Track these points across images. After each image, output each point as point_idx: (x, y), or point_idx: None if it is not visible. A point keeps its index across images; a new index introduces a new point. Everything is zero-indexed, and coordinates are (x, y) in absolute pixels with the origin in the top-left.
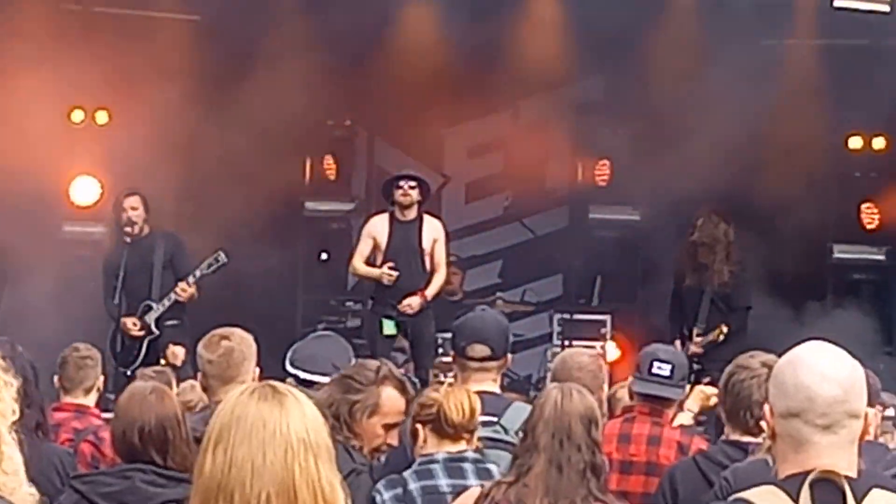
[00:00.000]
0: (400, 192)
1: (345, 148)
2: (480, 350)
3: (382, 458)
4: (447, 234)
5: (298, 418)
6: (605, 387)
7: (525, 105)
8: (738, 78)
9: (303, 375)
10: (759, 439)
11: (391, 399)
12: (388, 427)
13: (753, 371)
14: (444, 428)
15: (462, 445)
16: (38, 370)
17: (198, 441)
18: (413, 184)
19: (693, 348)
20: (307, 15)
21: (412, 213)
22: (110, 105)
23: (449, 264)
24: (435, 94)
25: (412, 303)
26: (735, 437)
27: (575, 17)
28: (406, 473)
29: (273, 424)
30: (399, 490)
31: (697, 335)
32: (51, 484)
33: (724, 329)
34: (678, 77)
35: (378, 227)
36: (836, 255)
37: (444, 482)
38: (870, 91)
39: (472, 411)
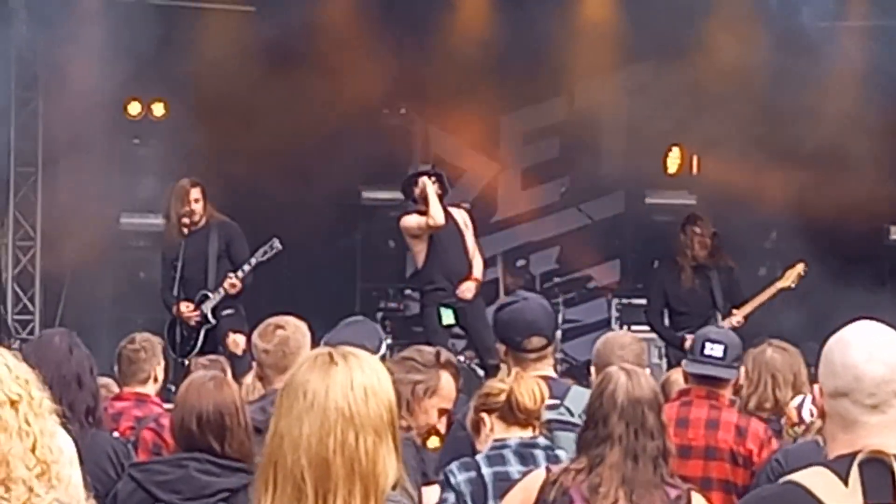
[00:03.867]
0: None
1: (400, 136)
2: (538, 342)
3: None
4: (473, 221)
5: (341, 388)
6: (648, 369)
7: (580, 90)
8: (791, 60)
9: None
10: None
11: (449, 384)
12: (441, 412)
13: None
14: (515, 414)
15: (531, 432)
16: (93, 362)
17: (256, 430)
18: (434, 178)
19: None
20: (361, 4)
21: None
22: (167, 97)
23: (484, 258)
24: (490, 80)
25: (469, 287)
26: None
27: (628, 1)
28: (478, 457)
29: (311, 395)
30: (473, 473)
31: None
32: (104, 473)
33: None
34: (731, 60)
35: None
36: (893, 236)
37: (515, 468)
38: None
39: (543, 398)
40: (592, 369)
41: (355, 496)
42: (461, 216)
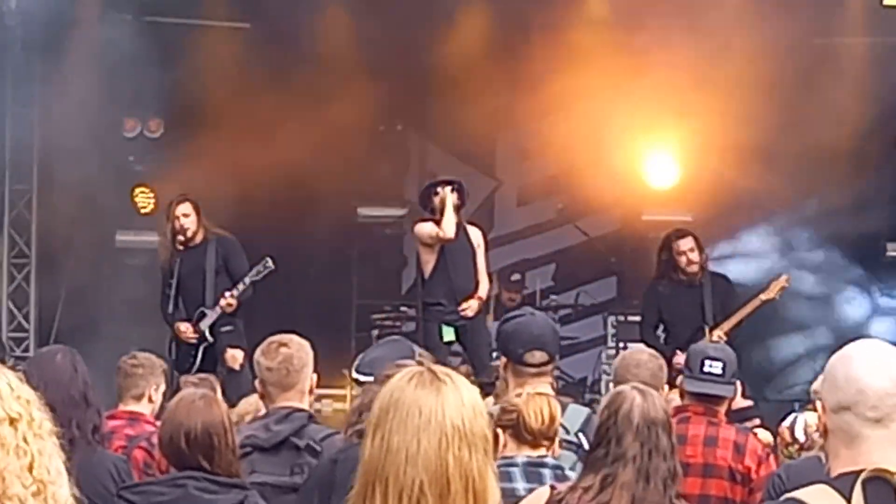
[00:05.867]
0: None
1: (397, 153)
2: (540, 356)
3: None
4: (485, 241)
5: (455, 406)
6: (666, 387)
7: (577, 108)
8: (790, 77)
9: (362, 379)
10: None
11: None
12: None
13: None
14: (523, 434)
15: (542, 451)
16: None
17: (260, 448)
18: (454, 189)
19: (717, 334)
20: (356, 20)
21: (456, 218)
22: (162, 115)
23: (490, 277)
24: (487, 97)
25: (472, 305)
26: None
27: (624, 18)
28: None
29: (428, 411)
30: None
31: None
32: (106, 490)
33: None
34: (728, 78)
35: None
36: (890, 252)
37: (521, 486)
38: None
39: (552, 418)
40: (611, 386)
41: None
42: (476, 234)
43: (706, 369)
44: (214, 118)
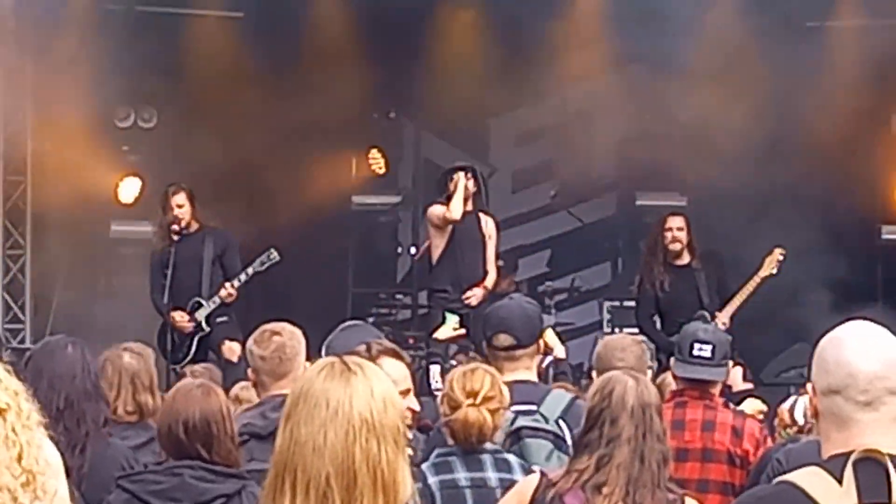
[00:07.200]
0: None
1: (391, 140)
2: (504, 339)
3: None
4: (498, 232)
5: (363, 397)
6: (649, 371)
7: (570, 92)
8: (782, 60)
9: None
10: None
11: (394, 367)
12: (402, 394)
13: None
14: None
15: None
16: None
17: (257, 436)
18: (469, 174)
19: (722, 320)
20: (349, 8)
21: (469, 205)
22: (156, 104)
23: (499, 269)
24: (480, 83)
25: (476, 294)
26: None
27: (619, 2)
28: (424, 466)
29: (335, 403)
30: (419, 485)
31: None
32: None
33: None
34: (722, 61)
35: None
36: (885, 235)
37: (462, 475)
38: None
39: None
40: (594, 374)
41: None
42: (489, 224)
43: (695, 353)
44: (208, 107)
